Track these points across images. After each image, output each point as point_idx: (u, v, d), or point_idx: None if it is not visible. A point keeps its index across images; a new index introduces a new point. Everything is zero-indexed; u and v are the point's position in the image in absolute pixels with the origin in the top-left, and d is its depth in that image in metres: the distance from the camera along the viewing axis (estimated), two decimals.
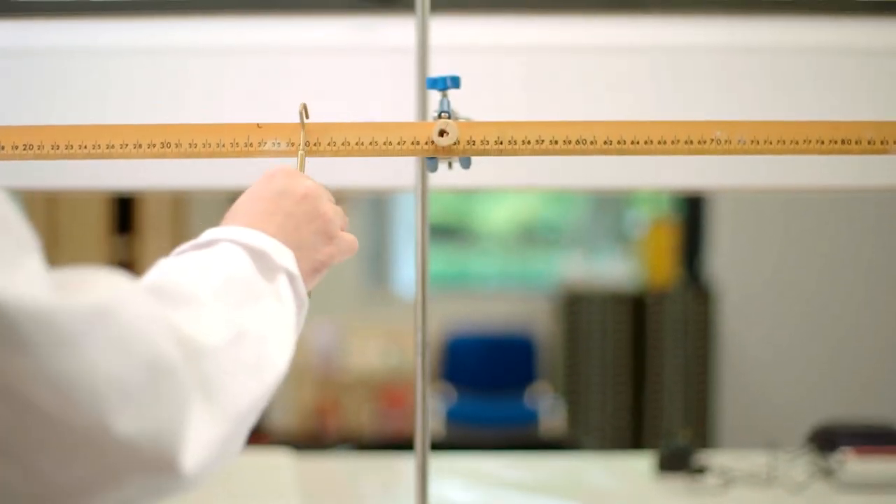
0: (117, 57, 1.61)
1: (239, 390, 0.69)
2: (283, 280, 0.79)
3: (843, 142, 0.96)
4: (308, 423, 4.46)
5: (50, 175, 1.60)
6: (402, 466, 1.94)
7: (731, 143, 0.96)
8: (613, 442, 4.13)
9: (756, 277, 4.07)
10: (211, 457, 0.65)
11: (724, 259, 4.16)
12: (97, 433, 0.58)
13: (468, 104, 1.01)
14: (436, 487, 1.71)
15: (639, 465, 1.88)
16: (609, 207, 4.72)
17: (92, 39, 1.61)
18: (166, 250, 0.80)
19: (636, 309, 4.18)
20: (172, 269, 0.75)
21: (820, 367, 3.92)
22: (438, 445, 1.70)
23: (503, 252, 4.78)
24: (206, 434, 0.65)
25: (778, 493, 1.73)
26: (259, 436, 2.45)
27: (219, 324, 0.70)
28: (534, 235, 4.82)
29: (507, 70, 1.59)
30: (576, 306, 4.22)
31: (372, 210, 4.70)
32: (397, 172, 0.98)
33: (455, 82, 1.02)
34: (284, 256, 0.80)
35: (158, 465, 0.61)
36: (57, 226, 3.63)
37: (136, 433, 0.59)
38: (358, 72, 1.61)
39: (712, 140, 0.96)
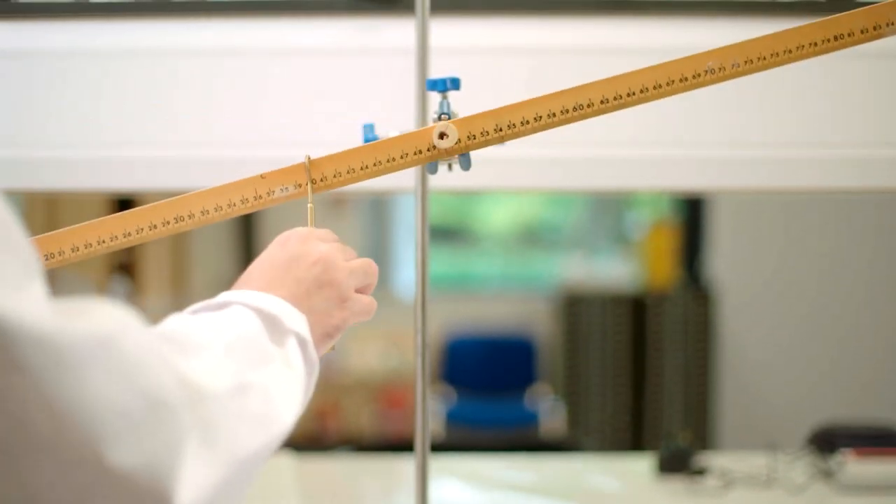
0: (117, 58, 1.61)
1: (239, 438, 0.68)
2: (292, 344, 0.79)
3: (835, 38, 0.95)
4: (308, 425, 4.46)
5: (50, 176, 1.60)
6: (403, 468, 1.94)
7: (725, 69, 0.95)
8: (613, 443, 4.13)
9: (756, 279, 4.07)
10: (206, 500, 0.64)
11: (724, 260, 4.16)
12: (91, 461, 0.57)
13: (468, 105, 1.01)
14: (436, 489, 1.71)
15: (639, 467, 1.88)
16: (609, 209, 4.72)
17: (90, 41, 1.61)
18: (165, 251, 0.80)
19: (636, 310, 4.18)
20: (183, 322, 0.75)
21: (820, 368, 3.92)
22: (438, 447, 1.71)
23: (503, 253, 4.78)
24: (201, 476, 0.63)
25: (778, 495, 1.73)
26: None
27: (224, 374, 0.70)
28: (534, 237, 4.82)
29: (508, 71, 1.59)
30: (576, 308, 4.22)
31: (372, 211, 4.70)
32: (397, 174, 0.98)
33: (455, 84, 1.02)
34: (295, 321, 0.80)
35: (152, 498, 0.60)
36: (57, 227, 3.62)
37: (131, 465, 0.58)
38: (358, 73, 1.61)
39: (706, 71, 0.95)
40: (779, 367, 4.02)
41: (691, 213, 4.31)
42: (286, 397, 0.75)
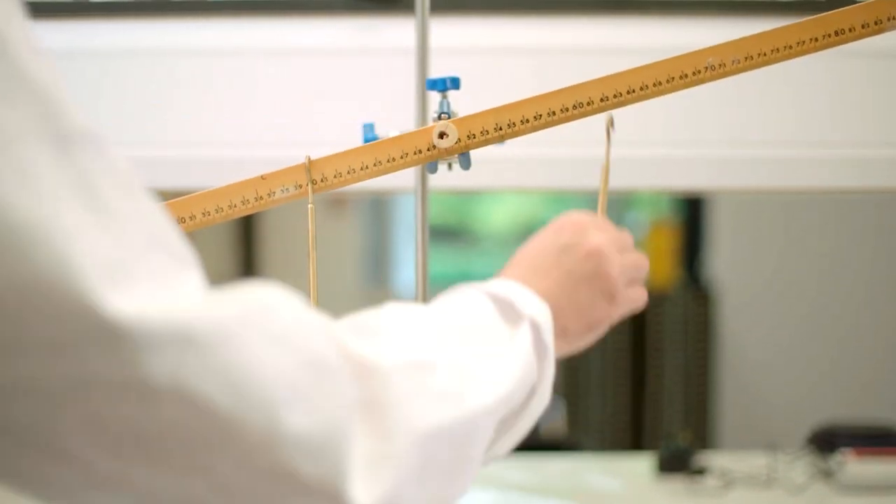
0: (116, 58, 1.61)
1: (416, 412, 0.66)
2: (524, 328, 0.77)
3: (836, 33, 0.94)
4: None
5: None
6: None
7: (725, 66, 0.94)
8: (613, 443, 4.13)
9: (756, 279, 4.07)
10: (382, 474, 0.62)
11: (724, 261, 4.16)
12: (270, 429, 0.57)
13: (468, 105, 1.01)
14: None
15: (639, 467, 1.88)
16: (609, 209, 4.71)
17: (90, 41, 1.61)
18: None
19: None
20: (384, 308, 0.74)
21: (820, 368, 3.92)
22: None
23: (503, 253, 4.78)
24: (371, 449, 0.62)
25: (778, 495, 1.73)
26: None
27: (403, 350, 0.68)
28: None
29: (508, 71, 1.59)
30: None
31: (372, 211, 4.70)
32: (397, 174, 0.98)
33: (455, 83, 1.02)
34: (532, 305, 0.79)
35: (328, 464, 0.59)
36: None
37: (306, 428, 0.58)
38: (358, 73, 1.60)
39: (706, 68, 0.95)
40: (779, 367, 4.02)
41: (691, 213, 4.31)
42: (490, 373, 0.72)
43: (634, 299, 0.89)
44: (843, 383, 3.86)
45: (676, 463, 1.80)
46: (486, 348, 0.74)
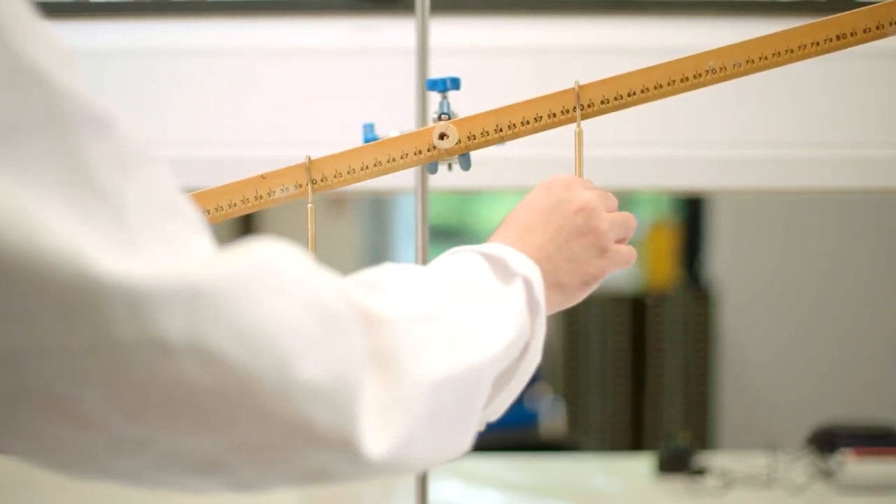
0: (116, 58, 1.61)
1: (425, 360, 0.67)
2: (517, 284, 0.79)
3: (838, 37, 0.94)
4: None
5: None
6: None
7: (726, 69, 0.95)
8: (613, 443, 4.13)
9: (756, 279, 4.07)
10: (396, 421, 0.63)
11: (724, 261, 4.16)
12: (283, 378, 0.57)
13: (469, 105, 1.01)
14: (436, 489, 1.71)
15: (639, 467, 1.88)
16: None
17: (90, 41, 1.61)
18: None
19: (636, 310, 4.18)
20: (384, 268, 0.76)
21: (820, 368, 3.92)
22: None
23: None
24: (383, 397, 0.63)
25: (778, 495, 1.73)
26: None
27: (410, 305, 0.70)
28: None
29: (508, 71, 1.59)
30: (575, 307, 4.19)
31: (372, 211, 4.70)
32: (397, 174, 0.98)
33: (455, 84, 1.02)
34: (523, 264, 0.81)
35: (341, 413, 0.60)
36: None
37: (318, 376, 0.59)
38: (358, 73, 1.60)
39: (707, 71, 0.95)
40: (779, 367, 4.02)
41: (691, 213, 4.31)
42: (489, 328, 0.74)
43: (624, 254, 0.89)
44: (843, 383, 3.86)
45: (676, 463, 1.80)
46: (483, 305, 0.76)
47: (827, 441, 1.83)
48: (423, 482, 1.20)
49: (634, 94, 0.95)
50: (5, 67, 0.52)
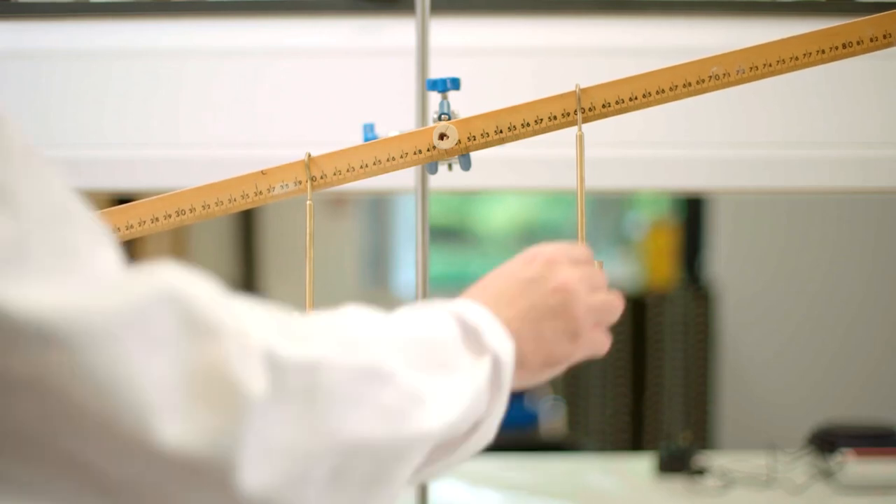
0: (117, 58, 1.61)
1: (349, 420, 0.64)
2: (485, 361, 0.75)
3: (843, 46, 0.94)
4: None
5: None
6: None
7: (730, 75, 0.94)
8: (613, 443, 4.13)
9: (756, 279, 4.07)
10: (287, 468, 0.60)
11: (724, 261, 4.16)
12: (143, 434, 0.55)
13: (469, 105, 1.01)
14: (436, 489, 1.71)
15: (639, 467, 1.88)
16: (609, 209, 4.72)
17: (91, 41, 1.61)
18: (166, 248, 0.79)
19: (636, 310, 4.18)
20: (338, 312, 0.72)
21: (820, 368, 3.92)
22: None
23: (503, 253, 4.77)
24: (282, 440, 0.60)
25: (778, 495, 1.73)
26: None
27: (354, 355, 0.66)
28: (534, 237, 4.81)
29: (508, 71, 1.59)
30: None
31: (372, 211, 4.70)
32: (397, 174, 0.98)
33: (455, 84, 1.02)
34: (498, 339, 0.76)
35: (211, 471, 0.57)
36: None
37: (184, 440, 0.56)
38: (358, 73, 1.60)
39: (710, 77, 0.94)
40: (779, 367, 4.02)
41: (691, 213, 4.31)
42: (439, 400, 0.70)
43: (597, 342, 0.85)
44: (843, 383, 3.86)
45: (676, 463, 1.80)
46: (442, 372, 0.72)
47: (827, 441, 1.83)
48: (422, 483, 1.20)
49: (636, 98, 0.95)
50: None
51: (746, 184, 1.64)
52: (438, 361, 0.72)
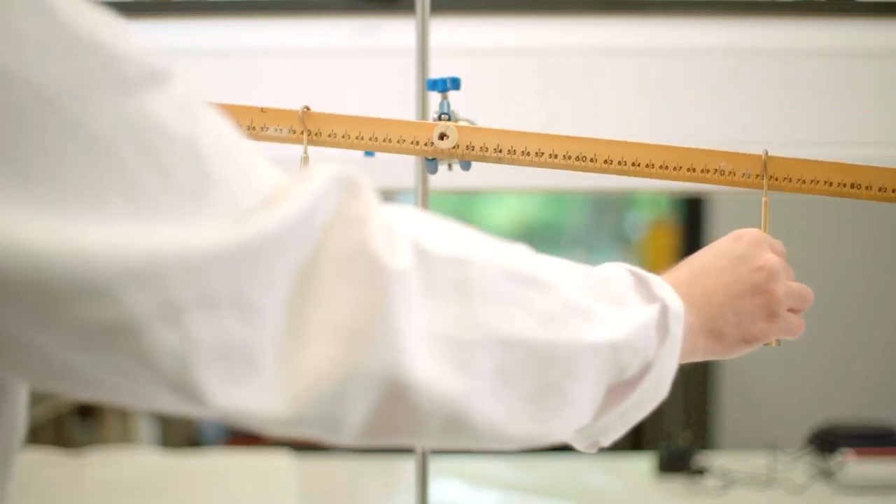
0: None
1: (502, 314, 0.65)
2: (653, 307, 0.76)
3: (852, 185, 0.95)
4: None
5: None
6: (403, 468, 1.94)
7: (735, 174, 0.95)
8: (613, 443, 4.12)
9: None
10: (446, 361, 0.62)
11: None
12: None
13: (469, 106, 1.01)
14: (436, 489, 1.71)
15: (639, 467, 1.88)
16: (609, 209, 4.72)
17: None
18: None
19: None
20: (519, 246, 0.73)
21: (820, 368, 3.92)
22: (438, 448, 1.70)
23: None
24: (418, 323, 0.61)
25: (778, 495, 1.73)
26: (257, 437, 2.44)
27: (525, 264, 0.68)
28: (534, 237, 4.81)
29: (508, 71, 1.59)
30: None
31: None
32: (397, 173, 0.98)
33: (455, 84, 1.02)
34: (666, 291, 0.78)
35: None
36: None
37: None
38: (358, 73, 1.60)
39: (715, 170, 0.95)
40: (779, 367, 4.02)
41: (691, 213, 4.31)
42: (604, 322, 0.71)
43: (793, 324, 0.89)
44: (843, 383, 3.86)
45: (676, 463, 1.80)
46: (607, 302, 0.73)
47: (827, 441, 1.83)
48: (423, 482, 1.20)
49: (639, 165, 0.97)
50: (56, 40, 0.52)
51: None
52: (605, 293, 0.73)
